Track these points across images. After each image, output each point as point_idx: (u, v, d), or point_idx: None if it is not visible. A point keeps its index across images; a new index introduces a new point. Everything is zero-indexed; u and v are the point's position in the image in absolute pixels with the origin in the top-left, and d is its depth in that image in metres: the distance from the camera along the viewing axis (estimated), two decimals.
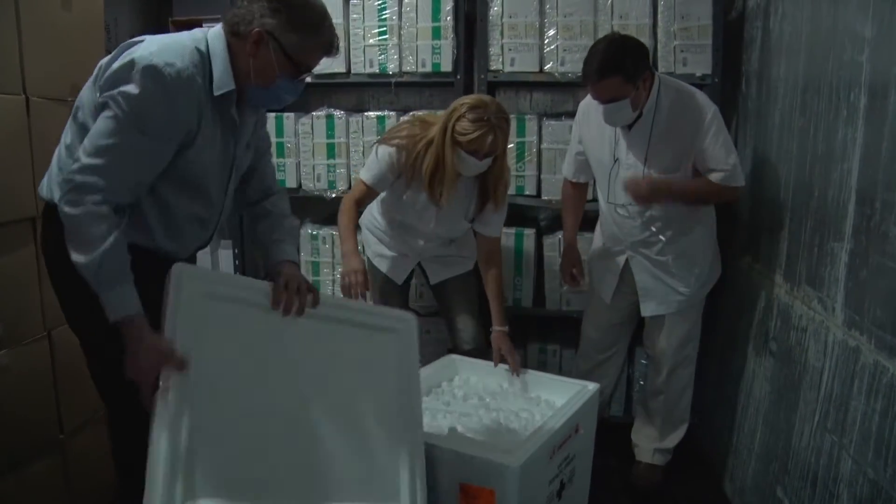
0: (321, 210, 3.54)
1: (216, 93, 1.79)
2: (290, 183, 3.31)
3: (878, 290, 1.83)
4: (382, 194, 2.73)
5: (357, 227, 2.70)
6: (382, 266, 2.91)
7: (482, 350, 2.89)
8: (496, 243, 2.80)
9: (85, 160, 1.65)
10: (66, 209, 1.64)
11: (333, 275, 3.34)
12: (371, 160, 2.65)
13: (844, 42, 2.04)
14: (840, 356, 2.01)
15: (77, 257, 1.64)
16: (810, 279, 2.24)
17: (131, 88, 1.66)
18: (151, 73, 1.66)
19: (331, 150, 3.27)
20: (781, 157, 2.52)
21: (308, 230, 3.35)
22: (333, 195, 3.28)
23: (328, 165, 3.28)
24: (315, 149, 3.28)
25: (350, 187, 3.26)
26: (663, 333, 2.80)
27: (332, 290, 3.33)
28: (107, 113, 1.67)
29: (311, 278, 3.32)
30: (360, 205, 2.71)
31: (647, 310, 2.80)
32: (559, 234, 3.21)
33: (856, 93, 1.95)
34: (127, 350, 1.66)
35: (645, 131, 2.54)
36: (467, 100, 2.46)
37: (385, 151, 2.59)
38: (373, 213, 2.88)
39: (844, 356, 1.99)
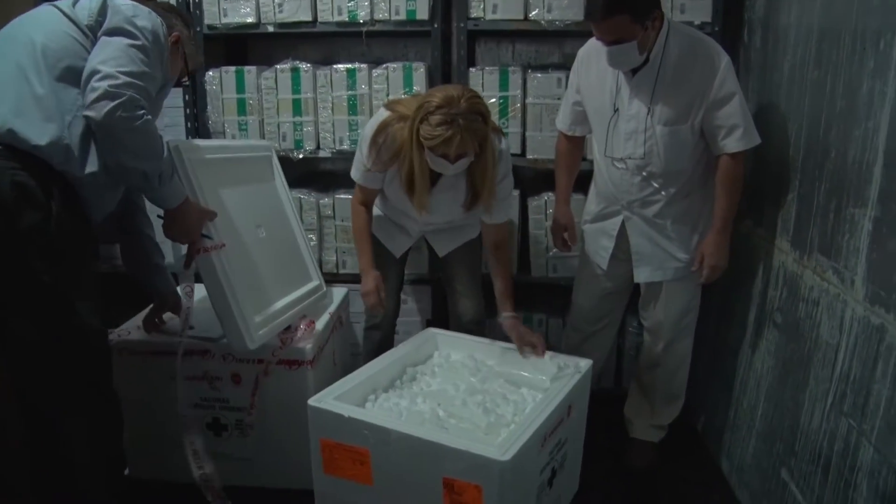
0: (288, 172, 3.29)
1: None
2: None
3: None
4: None
5: (369, 227, 2.60)
6: (381, 237, 2.72)
7: (481, 323, 2.75)
8: (502, 232, 2.58)
9: (124, 78, 1.82)
10: (132, 124, 1.82)
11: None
12: (356, 157, 2.51)
13: None
14: (860, 334, 1.84)
15: (146, 164, 1.93)
16: (824, 248, 2.06)
17: (145, 23, 1.94)
18: (152, 18, 2.00)
19: (297, 107, 3.01)
20: (791, 114, 2.31)
21: None
22: (301, 155, 3.04)
23: (294, 123, 3.03)
24: (280, 105, 3.02)
25: (318, 146, 3.06)
26: (661, 304, 2.62)
27: None
28: (128, 40, 1.88)
29: None
30: (367, 205, 2.59)
31: (641, 275, 2.60)
32: (545, 196, 3.01)
33: (887, 39, 1.74)
34: (180, 223, 2.12)
35: (650, 78, 2.32)
36: (435, 97, 2.20)
37: (364, 149, 2.43)
38: None
39: (866, 334, 1.81)
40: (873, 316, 1.77)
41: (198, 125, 3.09)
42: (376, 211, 2.69)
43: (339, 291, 2.94)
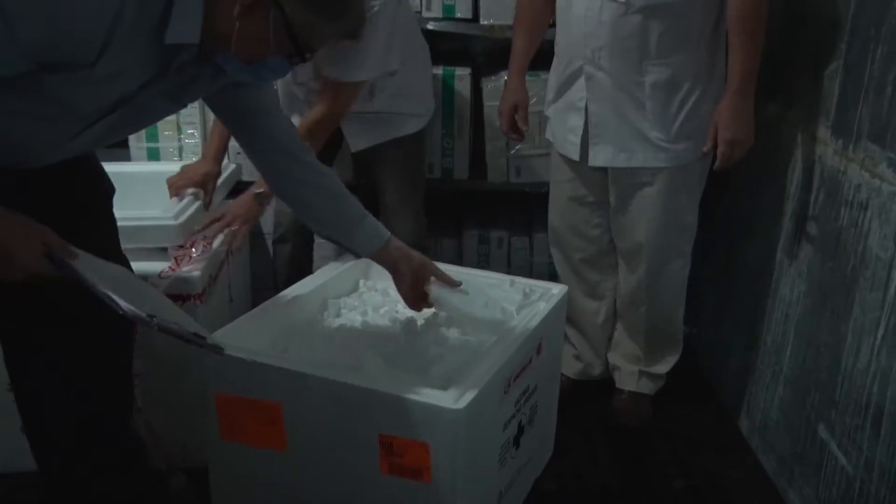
0: None
1: (167, 40, 1.55)
2: None
3: None
4: None
5: None
6: None
7: (419, 246, 2.62)
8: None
9: None
10: None
11: None
12: None
13: None
14: None
15: None
16: (876, 133, 1.96)
17: None
18: None
19: None
20: None
21: None
22: None
23: None
24: None
25: None
26: (632, 211, 2.50)
27: None
28: None
29: None
30: None
31: (599, 157, 2.45)
32: (504, 75, 2.81)
33: None
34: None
35: None
36: None
37: None
38: None
39: None
40: None
41: None
42: None
43: None
